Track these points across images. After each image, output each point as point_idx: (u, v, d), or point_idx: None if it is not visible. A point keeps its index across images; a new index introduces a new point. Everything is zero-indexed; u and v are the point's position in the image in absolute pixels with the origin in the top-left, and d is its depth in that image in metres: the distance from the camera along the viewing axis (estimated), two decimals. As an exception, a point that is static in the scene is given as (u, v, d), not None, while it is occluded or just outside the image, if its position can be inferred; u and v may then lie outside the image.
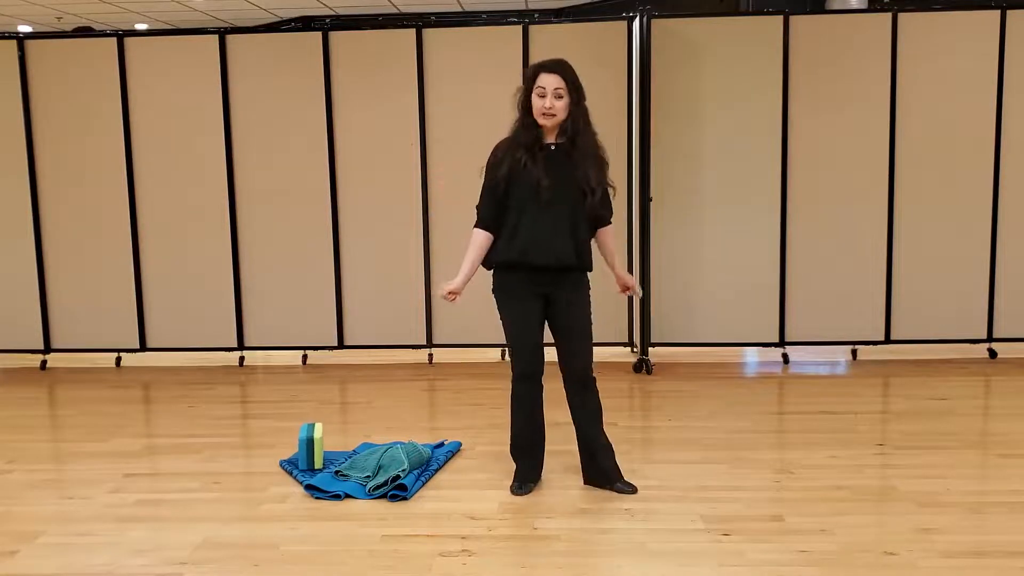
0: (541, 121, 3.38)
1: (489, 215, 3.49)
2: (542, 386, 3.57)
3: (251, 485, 3.78)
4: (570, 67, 3.40)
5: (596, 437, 3.60)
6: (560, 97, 3.35)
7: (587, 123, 3.43)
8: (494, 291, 3.56)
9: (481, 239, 3.50)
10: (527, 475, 3.64)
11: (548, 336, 3.54)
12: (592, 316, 3.56)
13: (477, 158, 5.99)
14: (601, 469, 3.60)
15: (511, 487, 3.61)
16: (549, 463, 3.79)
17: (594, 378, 3.58)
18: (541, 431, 3.65)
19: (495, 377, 5.53)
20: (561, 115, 3.37)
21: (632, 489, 3.55)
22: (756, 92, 5.57)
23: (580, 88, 3.40)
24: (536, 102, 3.37)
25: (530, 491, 3.59)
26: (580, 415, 3.59)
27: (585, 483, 3.64)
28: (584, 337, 3.53)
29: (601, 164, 3.46)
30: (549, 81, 3.35)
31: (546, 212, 3.38)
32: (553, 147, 3.43)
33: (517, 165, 3.39)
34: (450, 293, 3.51)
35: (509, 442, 3.67)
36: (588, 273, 3.55)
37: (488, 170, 3.49)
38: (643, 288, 5.64)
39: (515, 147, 3.43)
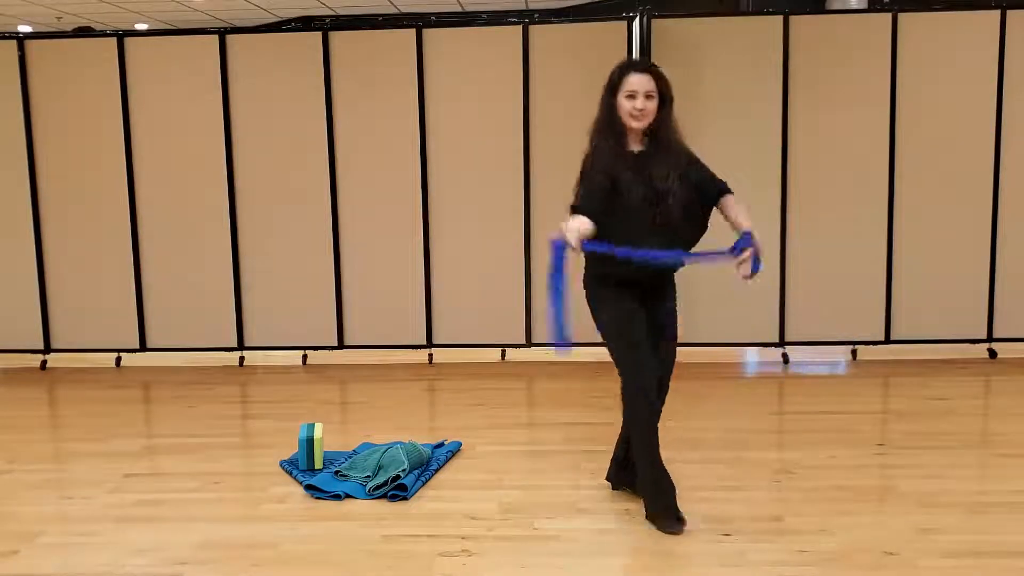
0: (631, 124, 3.15)
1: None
2: None
3: (251, 485, 3.78)
4: (661, 70, 3.21)
5: None
6: (651, 97, 3.15)
7: (671, 127, 3.23)
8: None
9: None
10: (674, 509, 3.26)
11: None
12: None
13: (477, 157, 6.01)
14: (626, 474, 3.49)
15: (670, 524, 3.21)
16: (550, 462, 3.79)
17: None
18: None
19: (495, 377, 5.54)
20: (651, 117, 3.16)
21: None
22: (756, 92, 5.57)
23: (670, 90, 3.20)
24: (625, 103, 3.14)
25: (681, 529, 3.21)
26: None
27: (614, 488, 3.56)
28: (673, 340, 3.39)
29: (684, 153, 3.27)
30: (640, 83, 3.13)
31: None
32: (637, 152, 3.23)
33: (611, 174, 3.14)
34: None
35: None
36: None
37: (583, 178, 3.19)
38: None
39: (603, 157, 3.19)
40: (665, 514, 3.21)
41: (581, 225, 2.93)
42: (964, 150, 5.58)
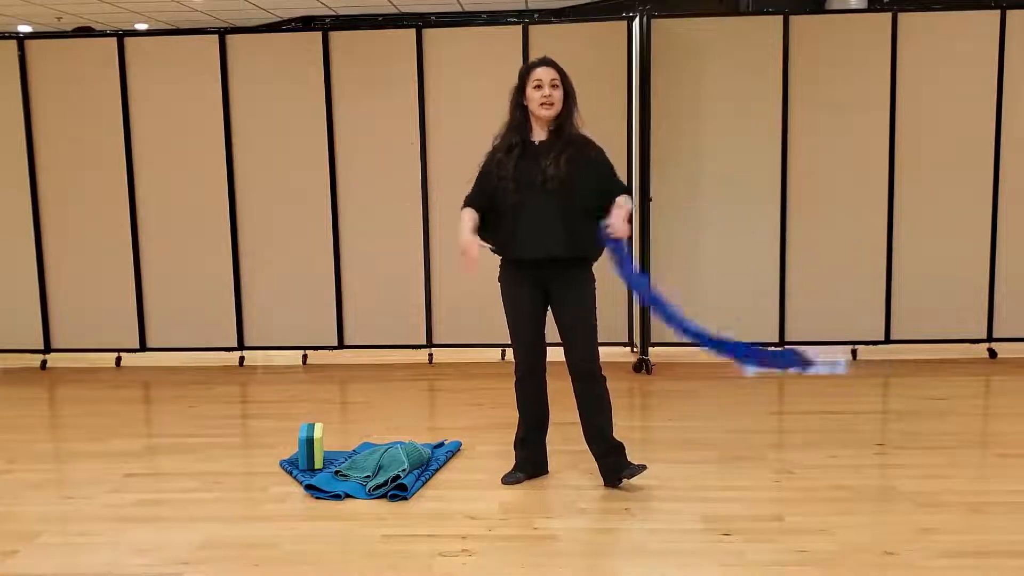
0: (542, 113, 3.42)
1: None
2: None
3: (251, 485, 3.78)
4: (561, 66, 3.48)
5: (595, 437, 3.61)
6: (556, 87, 3.42)
7: (571, 115, 3.48)
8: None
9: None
10: (518, 465, 3.72)
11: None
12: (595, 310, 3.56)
13: (477, 157, 5.98)
14: (602, 468, 3.60)
15: (505, 477, 3.71)
16: (549, 462, 3.78)
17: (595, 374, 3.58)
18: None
19: (495, 377, 5.53)
20: (559, 105, 3.43)
21: (640, 467, 3.52)
22: (756, 92, 5.57)
23: (571, 84, 3.47)
24: (534, 94, 3.42)
25: (517, 481, 3.67)
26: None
27: (605, 485, 3.61)
28: (583, 330, 3.52)
29: (582, 146, 3.47)
30: (545, 73, 3.42)
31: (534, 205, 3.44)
32: (537, 143, 3.48)
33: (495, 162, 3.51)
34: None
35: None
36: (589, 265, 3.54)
37: (480, 174, 3.61)
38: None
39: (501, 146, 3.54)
40: (511, 471, 3.70)
41: (470, 219, 3.45)
42: (964, 149, 5.59)
